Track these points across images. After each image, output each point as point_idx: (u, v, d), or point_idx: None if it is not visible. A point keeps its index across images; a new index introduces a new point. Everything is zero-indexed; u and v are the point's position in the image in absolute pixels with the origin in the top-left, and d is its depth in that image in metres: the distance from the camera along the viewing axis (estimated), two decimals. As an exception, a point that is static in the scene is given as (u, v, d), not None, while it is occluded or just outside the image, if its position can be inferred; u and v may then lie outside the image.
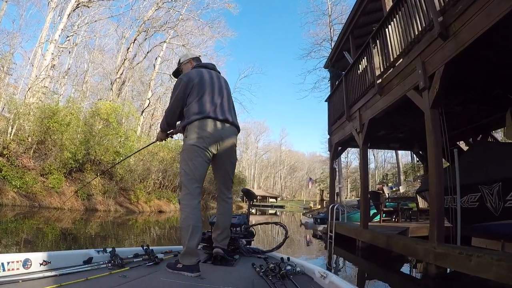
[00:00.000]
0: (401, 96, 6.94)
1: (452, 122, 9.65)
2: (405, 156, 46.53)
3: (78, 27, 31.19)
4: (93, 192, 19.70)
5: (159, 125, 3.60)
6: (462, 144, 11.03)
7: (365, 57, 8.92)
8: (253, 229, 4.07)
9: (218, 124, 3.07)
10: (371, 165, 77.56)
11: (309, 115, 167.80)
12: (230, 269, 2.95)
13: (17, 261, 2.31)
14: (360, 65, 9.35)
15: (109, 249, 2.94)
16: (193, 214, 2.82)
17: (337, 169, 13.19)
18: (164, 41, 34.89)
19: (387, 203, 11.60)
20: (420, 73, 6.09)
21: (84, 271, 2.47)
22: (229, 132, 3.17)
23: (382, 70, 7.87)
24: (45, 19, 25.82)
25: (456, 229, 5.67)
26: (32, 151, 18.21)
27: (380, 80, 7.91)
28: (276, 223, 4.76)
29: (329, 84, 32.15)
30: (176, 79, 3.41)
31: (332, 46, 31.28)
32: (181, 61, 3.63)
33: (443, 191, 5.64)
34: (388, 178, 50.50)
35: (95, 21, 33.18)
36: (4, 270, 2.23)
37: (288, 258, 3.05)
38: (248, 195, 4.49)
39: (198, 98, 3.08)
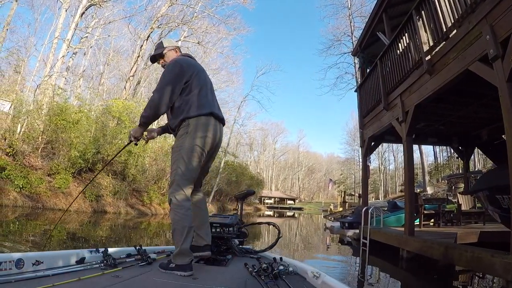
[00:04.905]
0: (460, 72, 5.63)
1: (495, 112, 8.40)
2: (425, 157, 44.76)
3: (92, 29, 30.77)
4: (103, 193, 18.82)
5: (141, 115, 3.02)
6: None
7: (406, 34, 7.64)
8: (245, 230, 4.00)
9: (218, 123, 3.02)
10: (391, 166, 76.22)
11: (327, 116, 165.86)
12: (223, 269, 2.95)
13: (10, 261, 2.29)
14: (399, 44, 8.06)
15: (101, 249, 2.91)
16: (188, 215, 2.75)
17: (370, 167, 11.94)
18: (179, 39, 34.01)
19: (426, 206, 10.35)
20: (489, 39, 4.80)
21: (76, 271, 2.45)
22: (222, 132, 3.15)
23: (431, 44, 6.57)
24: (57, 19, 25.56)
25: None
26: (40, 150, 17.49)
27: (429, 57, 6.60)
28: (269, 223, 4.52)
29: (352, 78, 31.76)
30: (153, 63, 3.38)
31: (353, 40, 30.47)
32: (165, 45, 3.25)
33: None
34: (411, 179, 48.87)
35: (109, 22, 32.75)
36: (-4, 270, 2.22)
37: (281, 258, 3.02)
38: (246, 195, 4.37)
39: (198, 90, 2.94)
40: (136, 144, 3.15)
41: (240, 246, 3.71)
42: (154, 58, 3.29)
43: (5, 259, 2.27)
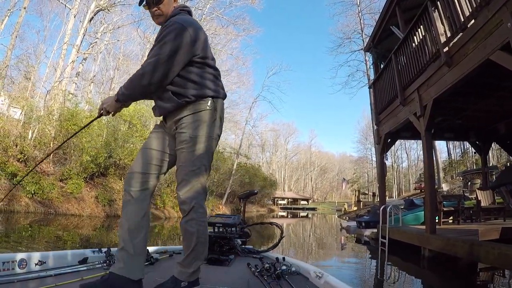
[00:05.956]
0: (481, 62, 5.42)
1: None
2: (438, 153, 44.30)
3: (101, 34, 30.92)
4: (116, 197, 18.73)
5: (121, 90, 2.17)
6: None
7: (421, 26, 7.43)
8: (248, 230, 3.94)
9: None
10: (404, 164, 75.55)
11: (338, 115, 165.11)
12: (225, 269, 2.93)
13: (12, 261, 2.29)
14: (415, 37, 7.84)
15: (104, 249, 2.88)
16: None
17: (386, 164, 11.73)
18: (188, 41, 34.01)
19: (444, 202, 10.09)
20: (511, 27, 4.62)
21: (79, 271, 2.46)
22: None
23: (448, 35, 6.36)
24: (66, 25, 25.92)
25: None
26: (51, 155, 17.48)
27: (447, 48, 6.39)
28: (271, 223, 4.45)
29: (363, 75, 31.46)
30: (140, 5, 2.26)
31: (363, 37, 30.17)
32: None
33: None
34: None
35: (118, 27, 32.90)
36: (-1, 270, 2.21)
37: (284, 258, 2.98)
38: (249, 195, 4.45)
39: (214, 67, 2.26)
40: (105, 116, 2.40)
41: (243, 246, 3.72)
42: (147, 1, 2.24)
43: (7, 259, 2.28)
